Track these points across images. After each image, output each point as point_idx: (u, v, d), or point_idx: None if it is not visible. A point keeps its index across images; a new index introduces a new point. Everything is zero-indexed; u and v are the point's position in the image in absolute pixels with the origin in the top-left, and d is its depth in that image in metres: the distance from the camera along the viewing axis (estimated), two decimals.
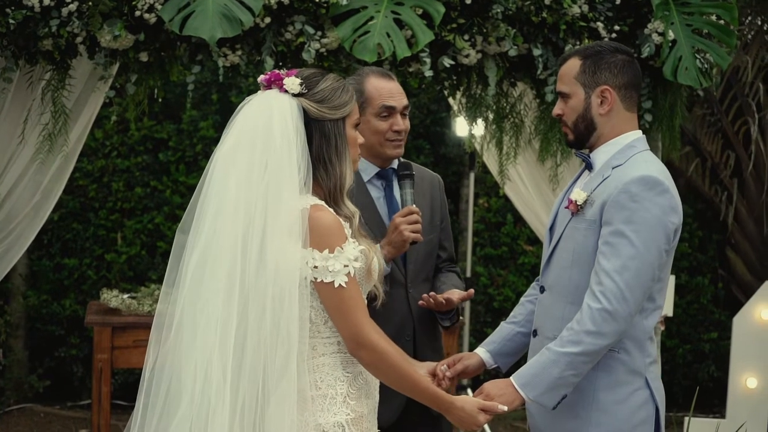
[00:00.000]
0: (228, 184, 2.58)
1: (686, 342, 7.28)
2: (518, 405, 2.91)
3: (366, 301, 2.68)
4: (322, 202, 2.63)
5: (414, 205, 3.36)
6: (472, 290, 3.42)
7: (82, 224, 7.03)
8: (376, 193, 3.48)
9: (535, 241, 6.98)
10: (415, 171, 3.55)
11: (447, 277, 3.57)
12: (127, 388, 6.86)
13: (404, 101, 3.42)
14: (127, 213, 7.10)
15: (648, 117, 4.27)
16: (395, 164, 3.51)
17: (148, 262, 7.02)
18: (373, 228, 3.41)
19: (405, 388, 2.70)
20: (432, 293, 3.35)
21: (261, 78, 2.68)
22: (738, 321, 5.73)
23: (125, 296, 5.29)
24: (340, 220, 2.63)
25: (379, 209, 3.46)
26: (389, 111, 3.39)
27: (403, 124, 3.41)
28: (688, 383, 7.13)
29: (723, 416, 5.88)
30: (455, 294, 3.39)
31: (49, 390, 6.98)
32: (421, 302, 3.37)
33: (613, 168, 2.95)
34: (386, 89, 3.39)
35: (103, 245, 7.04)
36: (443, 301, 3.34)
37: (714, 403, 7.12)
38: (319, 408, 2.59)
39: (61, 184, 4.48)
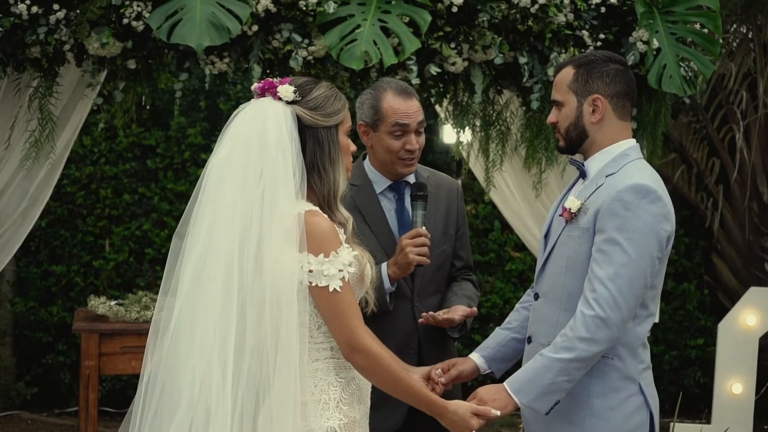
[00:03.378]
0: (224, 190, 2.61)
1: (672, 348, 7.31)
2: (511, 410, 2.94)
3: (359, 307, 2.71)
4: (317, 208, 2.65)
5: (423, 228, 3.34)
6: (474, 309, 3.40)
7: (70, 231, 7.02)
8: (387, 205, 3.49)
9: (522, 248, 7.00)
10: (432, 179, 3.56)
11: (460, 287, 3.55)
12: (114, 394, 6.85)
13: (419, 118, 3.39)
14: (115, 220, 7.09)
15: (633, 124, 4.30)
16: (410, 177, 3.50)
17: (136, 269, 7.02)
18: (383, 239, 3.44)
19: (399, 393, 2.72)
20: (430, 313, 3.34)
21: (255, 86, 2.71)
22: (723, 327, 5.76)
23: (113, 303, 5.29)
24: (335, 225, 2.65)
25: (390, 222, 3.48)
26: (402, 129, 3.38)
27: (416, 142, 3.40)
28: (674, 389, 7.15)
29: (709, 422, 5.90)
30: (458, 311, 3.37)
31: (37, 397, 6.96)
32: (421, 320, 3.37)
33: (606, 176, 2.97)
34: (402, 108, 3.37)
35: (90, 252, 7.03)
36: (444, 322, 3.33)
37: (700, 408, 7.14)
38: (312, 413, 2.61)
39: (48, 190, 4.48)
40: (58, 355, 6.92)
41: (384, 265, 3.36)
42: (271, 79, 2.70)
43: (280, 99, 2.67)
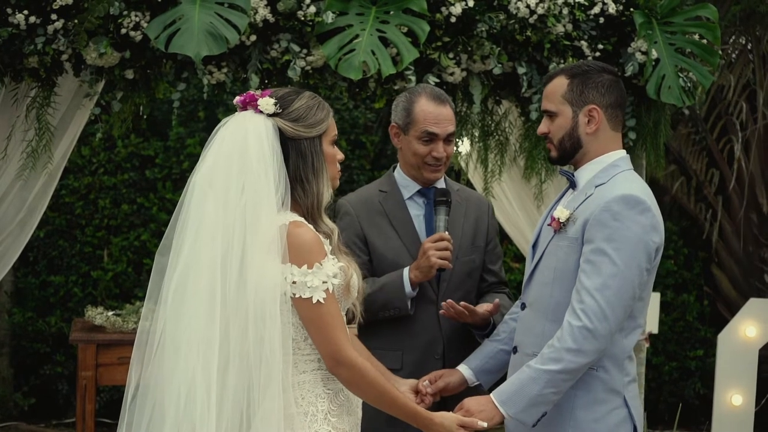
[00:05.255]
0: (206, 207, 2.60)
1: (672, 359, 7.29)
2: (498, 421, 2.92)
3: (345, 319, 2.69)
4: (302, 219, 2.64)
5: (446, 232, 3.36)
6: (498, 300, 3.38)
7: (69, 241, 7.02)
8: (416, 210, 3.52)
9: (521, 259, 6.99)
10: (462, 192, 3.60)
11: (492, 297, 3.52)
12: (112, 405, 6.83)
13: (449, 129, 3.44)
14: (114, 230, 7.09)
15: (632, 135, 4.30)
16: (440, 183, 3.53)
17: (135, 280, 7.01)
18: (410, 245, 3.45)
19: (384, 405, 2.70)
20: (450, 301, 3.31)
21: (236, 99, 2.71)
22: (723, 338, 5.75)
23: (110, 313, 5.29)
24: (320, 236, 2.64)
25: (417, 227, 3.49)
26: (431, 137, 3.42)
27: (444, 151, 3.44)
28: (674, 400, 7.13)
29: None
30: (482, 306, 3.36)
31: (34, 408, 6.95)
32: (442, 311, 3.34)
33: (596, 186, 2.97)
34: (432, 114, 3.42)
35: (89, 262, 7.02)
36: (464, 310, 3.30)
37: (700, 420, 7.13)
38: (300, 426, 2.59)
39: (45, 200, 4.47)
40: (55, 366, 6.91)
41: (406, 269, 3.37)
42: (252, 92, 2.69)
43: (261, 112, 2.66)
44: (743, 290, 7.09)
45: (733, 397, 5.69)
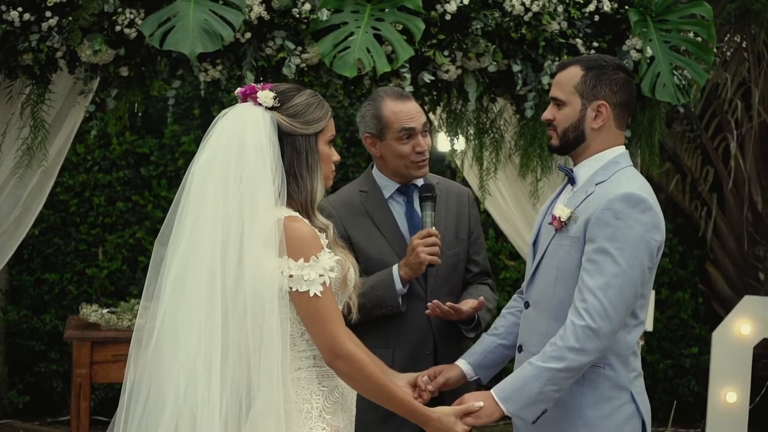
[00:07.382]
0: (205, 196, 2.61)
1: (667, 357, 7.30)
2: (497, 418, 2.91)
3: (342, 313, 2.69)
4: (297, 214, 2.65)
5: (433, 228, 3.36)
6: (482, 298, 3.38)
7: (63, 239, 7.00)
8: (397, 208, 3.52)
9: (517, 257, 6.99)
10: (442, 185, 3.59)
11: (476, 289, 3.54)
12: (107, 403, 6.82)
13: (423, 119, 3.44)
14: (109, 228, 7.07)
15: (627, 133, 4.30)
16: (418, 181, 3.52)
17: (130, 277, 7.00)
18: (394, 243, 3.45)
19: (381, 399, 2.70)
20: (436, 301, 3.31)
21: (238, 90, 2.73)
22: (717, 336, 5.75)
23: (104, 311, 5.28)
24: (316, 230, 2.64)
25: (400, 225, 3.49)
26: (409, 133, 3.41)
27: (424, 143, 3.44)
28: (668, 398, 7.14)
29: (704, 431, 5.89)
30: (467, 303, 3.37)
31: (29, 406, 6.93)
32: (427, 311, 3.35)
33: (596, 184, 2.96)
34: (404, 112, 3.42)
35: (84, 260, 7.01)
36: (450, 310, 3.31)
37: (695, 417, 7.13)
38: (295, 422, 2.59)
39: (41, 198, 4.47)
40: (50, 364, 6.89)
41: (395, 267, 3.37)
42: (253, 84, 2.71)
43: (259, 104, 2.67)
44: (738, 288, 7.10)
45: (727, 395, 5.70)
